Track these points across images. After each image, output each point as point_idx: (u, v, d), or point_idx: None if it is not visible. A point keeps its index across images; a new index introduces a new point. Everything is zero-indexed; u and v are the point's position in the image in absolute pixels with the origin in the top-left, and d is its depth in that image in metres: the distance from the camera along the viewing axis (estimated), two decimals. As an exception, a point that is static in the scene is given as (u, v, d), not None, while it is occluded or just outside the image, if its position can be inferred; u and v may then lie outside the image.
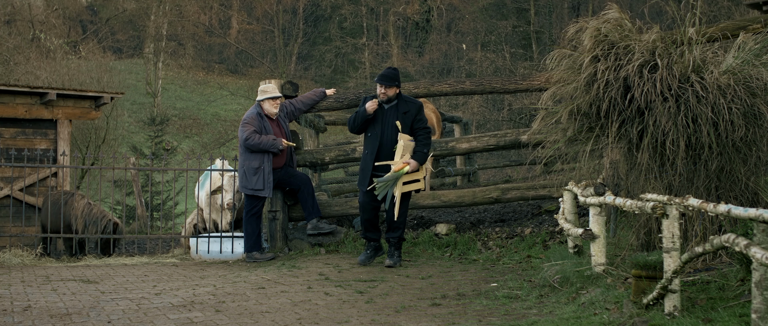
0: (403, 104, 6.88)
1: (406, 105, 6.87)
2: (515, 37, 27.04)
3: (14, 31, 26.09)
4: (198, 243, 8.32)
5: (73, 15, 34.82)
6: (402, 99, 6.92)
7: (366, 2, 33.57)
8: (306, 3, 35.43)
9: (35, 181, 9.67)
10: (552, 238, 7.22)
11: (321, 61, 34.75)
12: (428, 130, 6.97)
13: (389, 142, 6.80)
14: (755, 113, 4.74)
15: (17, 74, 20.46)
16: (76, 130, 16.57)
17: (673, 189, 4.87)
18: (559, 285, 5.23)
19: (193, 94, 33.35)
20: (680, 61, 4.83)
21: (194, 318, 4.69)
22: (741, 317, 3.66)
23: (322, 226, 8.04)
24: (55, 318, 4.71)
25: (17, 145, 9.66)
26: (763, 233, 3.17)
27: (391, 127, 6.80)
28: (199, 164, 9.49)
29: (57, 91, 10.02)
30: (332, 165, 12.31)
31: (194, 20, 34.65)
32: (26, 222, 9.11)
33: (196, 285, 6.10)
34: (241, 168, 7.71)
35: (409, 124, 6.81)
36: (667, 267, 3.89)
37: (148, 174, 12.62)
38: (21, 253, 8.25)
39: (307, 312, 4.87)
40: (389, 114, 6.82)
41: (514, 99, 21.65)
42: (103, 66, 23.34)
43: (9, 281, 6.41)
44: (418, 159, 6.73)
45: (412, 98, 7.06)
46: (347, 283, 6.02)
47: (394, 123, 6.79)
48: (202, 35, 35.90)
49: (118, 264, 7.79)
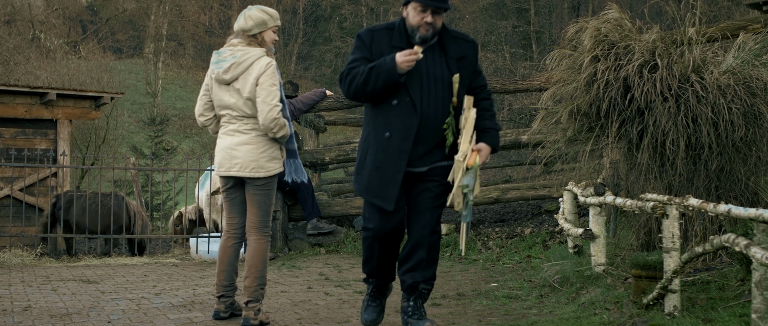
0: (452, 44, 3.86)
1: (458, 45, 3.88)
2: (515, 37, 27.05)
3: (14, 31, 26.10)
4: (198, 243, 8.32)
5: (73, 15, 34.83)
6: (448, 33, 3.90)
7: (366, 2, 33.57)
8: (306, 3, 35.44)
9: (35, 181, 9.67)
10: (552, 238, 7.22)
11: (321, 61, 34.75)
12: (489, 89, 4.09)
13: (436, 113, 3.73)
14: (755, 113, 4.74)
15: (17, 74, 20.47)
16: (76, 130, 16.57)
17: (673, 189, 4.87)
18: (559, 285, 5.23)
19: (193, 94, 33.33)
20: (680, 61, 4.83)
21: (194, 318, 4.69)
22: (741, 317, 3.66)
23: (322, 226, 8.05)
24: (55, 318, 4.71)
25: (17, 145, 9.66)
26: (763, 233, 3.17)
27: (439, 86, 3.76)
28: (199, 164, 9.49)
29: (57, 91, 10.03)
30: (332, 166, 12.33)
31: (194, 20, 34.66)
32: (26, 222, 9.11)
33: (196, 285, 6.10)
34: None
35: (469, 78, 3.85)
36: (667, 267, 3.89)
37: (148, 174, 12.62)
38: (21, 253, 8.25)
39: (307, 312, 4.87)
40: (431, 63, 3.74)
41: (514, 99, 21.65)
42: (103, 66, 23.35)
43: (9, 281, 6.41)
44: (492, 141, 3.81)
45: (462, 33, 4.06)
46: (347, 283, 6.02)
47: (442, 77, 3.76)
48: (202, 35, 35.91)
49: (118, 264, 7.79)
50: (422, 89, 3.70)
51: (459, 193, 3.63)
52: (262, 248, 4.37)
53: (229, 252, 4.55)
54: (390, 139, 3.72)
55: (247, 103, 4.29)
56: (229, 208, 4.54)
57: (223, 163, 4.38)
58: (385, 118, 3.74)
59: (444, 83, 3.74)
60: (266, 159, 4.34)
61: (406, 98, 3.68)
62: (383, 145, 3.74)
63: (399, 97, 3.70)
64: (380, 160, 3.74)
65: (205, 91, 4.49)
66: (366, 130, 3.86)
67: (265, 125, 4.24)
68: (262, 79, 4.23)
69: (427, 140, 3.75)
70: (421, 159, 3.77)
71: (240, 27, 4.37)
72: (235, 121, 4.34)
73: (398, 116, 3.70)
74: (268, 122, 4.23)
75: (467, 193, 3.61)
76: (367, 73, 3.64)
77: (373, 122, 3.81)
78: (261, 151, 4.32)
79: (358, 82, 3.68)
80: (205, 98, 4.50)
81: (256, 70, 4.25)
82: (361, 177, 3.82)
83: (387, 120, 3.73)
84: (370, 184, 3.76)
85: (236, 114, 4.34)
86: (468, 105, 3.71)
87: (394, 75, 3.60)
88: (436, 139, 3.77)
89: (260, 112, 4.23)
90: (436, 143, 3.78)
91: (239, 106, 4.31)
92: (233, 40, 4.39)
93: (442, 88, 3.74)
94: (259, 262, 4.35)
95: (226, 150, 4.36)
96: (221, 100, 4.37)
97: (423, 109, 3.70)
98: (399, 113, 3.70)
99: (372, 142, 3.80)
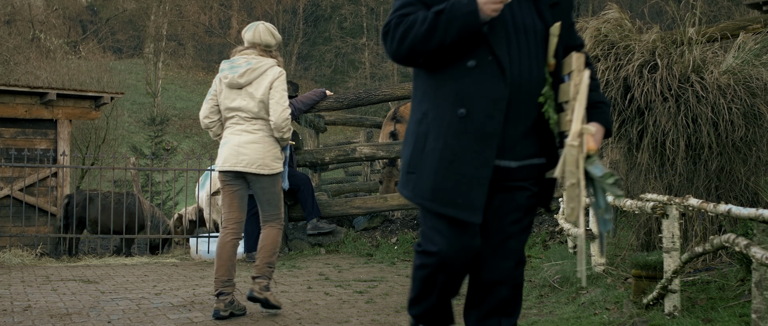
0: None
1: None
2: (515, 37, 27.02)
3: (14, 31, 26.10)
4: (198, 243, 8.32)
5: (73, 15, 34.83)
6: None
7: (366, 2, 33.58)
8: (306, 3, 35.45)
9: (35, 181, 9.67)
10: (552, 238, 7.22)
11: (321, 61, 34.76)
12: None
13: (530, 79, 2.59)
14: (755, 113, 4.74)
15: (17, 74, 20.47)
16: (76, 130, 16.57)
17: (673, 189, 4.87)
18: (559, 285, 5.23)
19: (193, 94, 33.34)
20: (680, 61, 4.83)
21: (194, 318, 4.69)
22: (741, 317, 3.66)
23: (322, 226, 8.05)
24: (55, 318, 4.71)
25: (17, 145, 9.66)
26: (763, 233, 3.17)
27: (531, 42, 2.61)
28: (199, 164, 9.49)
29: (57, 91, 10.02)
30: (332, 166, 12.33)
31: (194, 20, 34.67)
32: (26, 222, 9.11)
33: (196, 285, 6.10)
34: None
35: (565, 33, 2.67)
36: (667, 267, 3.89)
37: (148, 174, 12.63)
38: (21, 253, 8.25)
39: (307, 312, 4.87)
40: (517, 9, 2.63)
41: (514, 99, 21.64)
42: (103, 66, 23.34)
43: (9, 281, 6.41)
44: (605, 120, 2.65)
45: None
46: (347, 283, 6.02)
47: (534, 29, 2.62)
48: (202, 35, 35.92)
49: (118, 264, 7.79)
50: (510, 45, 2.54)
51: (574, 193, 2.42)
52: (275, 234, 4.79)
53: (228, 248, 4.70)
54: (467, 117, 2.49)
55: (259, 105, 4.65)
56: (230, 203, 4.75)
57: (229, 158, 4.66)
58: (457, 86, 2.53)
59: (537, 37, 2.60)
60: (270, 158, 4.69)
61: (489, 57, 2.49)
62: (456, 128, 2.50)
63: (478, 55, 2.50)
64: (453, 150, 2.49)
65: (213, 95, 4.79)
66: (421, 108, 2.62)
67: (277, 124, 4.63)
68: (276, 84, 4.65)
69: (519, 119, 2.55)
70: (513, 148, 2.56)
71: (262, 40, 4.76)
72: (244, 122, 4.69)
73: (478, 83, 2.50)
74: (280, 122, 4.63)
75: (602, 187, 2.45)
76: (432, 21, 2.46)
77: (435, 94, 2.57)
78: (266, 151, 4.67)
79: (418, 33, 2.48)
80: (212, 102, 4.79)
81: (271, 76, 4.67)
82: (420, 177, 2.56)
83: (460, 90, 2.52)
84: (440, 186, 2.50)
85: (245, 115, 4.68)
86: (578, 65, 2.50)
87: (475, 22, 2.43)
88: (530, 117, 2.57)
89: (274, 112, 4.63)
90: (531, 124, 2.58)
91: (250, 108, 4.66)
92: (246, 50, 4.74)
93: (535, 44, 2.59)
94: (269, 245, 4.76)
95: (234, 147, 4.66)
96: (231, 102, 4.69)
97: (513, 72, 2.52)
98: (479, 79, 2.50)
99: (435, 125, 2.54)
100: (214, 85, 4.81)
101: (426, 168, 2.55)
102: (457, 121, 2.51)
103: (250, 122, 4.68)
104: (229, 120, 4.75)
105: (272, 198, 4.76)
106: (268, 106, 4.65)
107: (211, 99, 4.79)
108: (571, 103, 2.49)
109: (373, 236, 8.22)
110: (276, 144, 4.74)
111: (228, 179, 4.72)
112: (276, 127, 4.64)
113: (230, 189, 4.74)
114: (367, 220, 8.59)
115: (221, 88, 4.75)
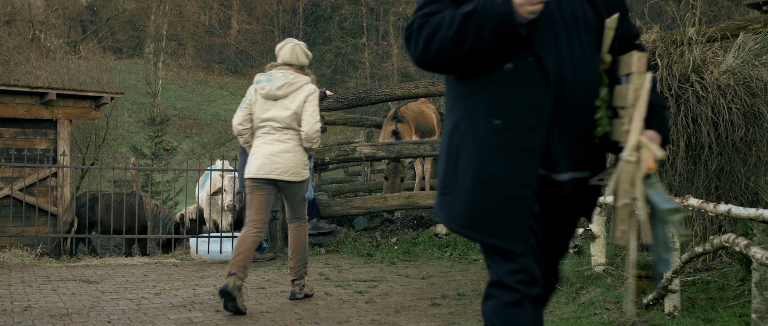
0: None
1: None
2: (515, 37, 27.01)
3: (14, 31, 26.10)
4: (198, 243, 8.32)
5: (73, 15, 34.83)
6: None
7: (366, 2, 33.58)
8: (306, 3, 35.44)
9: (35, 181, 9.67)
10: (552, 238, 7.21)
11: (321, 61, 34.75)
12: None
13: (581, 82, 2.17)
14: (755, 113, 4.74)
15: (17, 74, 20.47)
16: (76, 130, 16.57)
17: (673, 189, 4.87)
18: (559, 285, 5.23)
19: (193, 94, 33.35)
20: (680, 61, 4.83)
21: (194, 318, 4.69)
22: (741, 317, 3.66)
23: (322, 226, 8.05)
24: (55, 318, 4.71)
25: (17, 145, 9.65)
26: (763, 233, 3.17)
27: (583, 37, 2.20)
28: (199, 164, 9.49)
29: (57, 91, 10.01)
30: (332, 166, 12.32)
31: (194, 20, 34.66)
32: (26, 222, 9.11)
33: (196, 285, 6.09)
34: (241, 169, 7.70)
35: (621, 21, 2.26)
36: (667, 267, 3.88)
37: (148, 174, 12.62)
38: (21, 253, 8.25)
39: (307, 312, 4.87)
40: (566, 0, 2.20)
41: (514, 99, 21.63)
42: (103, 66, 23.33)
43: (9, 281, 6.41)
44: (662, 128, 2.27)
45: None
46: (347, 283, 6.02)
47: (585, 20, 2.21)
48: (202, 35, 35.91)
49: (118, 264, 7.79)
50: (559, 42, 2.14)
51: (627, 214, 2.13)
52: (302, 233, 5.33)
53: (249, 240, 5.06)
54: (504, 129, 2.11)
55: (292, 116, 5.09)
56: (257, 206, 5.12)
57: (264, 166, 5.08)
58: (492, 94, 2.14)
59: (588, 30, 2.20)
60: (301, 166, 5.17)
61: (529, 58, 2.11)
62: (492, 142, 2.13)
63: (516, 57, 2.11)
64: (489, 168, 2.13)
65: (248, 104, 5.20)
66: (452, 119, 2.25)
67: (308, 134, 5.10)
68: (310, 99, 5.13)
69: (567, 128, 2.16)
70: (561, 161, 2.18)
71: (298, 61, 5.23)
72: (276, 132, 5.12)
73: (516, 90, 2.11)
74: (312, 133, 5.12)
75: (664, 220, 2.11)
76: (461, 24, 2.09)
77: (467, 103, 2.19)
78: (297, 159, 5.13)
79: (445, 38, 2.11)
80: (246, 111, 5.20)
81: (306, 91, 5.15)
82: (454, 200, 2.19)
83: (495, 97, 2.13)
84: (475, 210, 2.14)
85: (278, 125, 5.11)
86: (639, 67, 2.15)
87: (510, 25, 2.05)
88: (583, 125, 2.19)
89: (306, 123, 5.10)
90: (583, 133, 2.20)
91: (284, 119, 5.09)
92: (283, 66, 5.21)
93: (587, 39, 2.19)
94: (300, 245, 5.30)
95: (268, 156, 5.08)
96: (266, 113, 5.12)
97: (561, 74, 2.12)
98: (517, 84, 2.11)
99: (467, 139, 2.17)
100: (249, 95, 5.20)
101: (459, 190, 2.18)
102: (493, 134, 2.13)
103: (282, 132, 5.10)
104: (260, 129, 5.15)
105: (300, 201, 5.28)
106: (300, 117, 5.09)
107: (246, 107, 5.19)
108: (629, 111, 2.13)
109: (373, 236, 8.22)
110: (305, 153, 5.19)
111: (259, 184, 5.11)
112: (307, 137, 5.09)
113: (260, 193, 5.11)
114: (367, 220, 8.59)
115: (256, 98, 5.16)
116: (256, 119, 5.15)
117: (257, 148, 5.14)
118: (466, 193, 2.16)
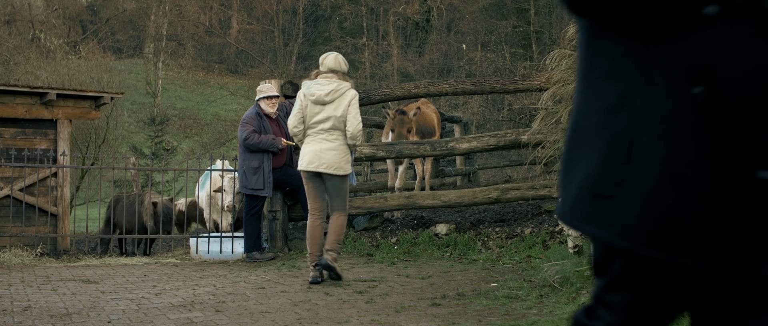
0: None
1: None
2: (515, 37, 27.05)
3: (14, 31, 26.10)
4: (198, 243, 8.32)
5: (73, 15, 34.84)
6: None
7: (366, 2, 33.59)
8: (306, 3, 35.45)
9: (35, 181, 9.67)
10: (552, 238, 7.22)
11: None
12: None
13: None
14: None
15: (17, 74, 20.47)
16: (76, 130, 16.57)
17: None
18: (559, 285, 5.23)
19: (193, 94, 33.36)
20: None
21: (194, 318, 4.69)
22: (741, 317, 3.66)
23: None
24: (55, 318, 4.71)
25: (17, 145, 9.66)
26: None
27: None
28: (199, 164, 9.50)
29: (57, 91, 10.01)
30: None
31: (194, 20, 34.67)
32: (26, 222, 9.11)
33: (196, 285, 6.10)
34: (240, 168, 7.71)
35: None
36: (667, 267, 3.88)
37: (148, 174, 12.62)
38: (21, 253, 8.25)
39: (307, 312, 4.87)
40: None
41: (514, 99, 21.65)
42: (103, 66, 23.34)
43: (9, 281, 6.41)
44: None
45: None
46: (347, 283, 6.02)
47: None
48: (202, 35, 35.92)
49: (118, 264, 7.79)
50: None
51: None
52: (342, 221, 6.05)
53: (318, 229, 6.04)
54: (708, 101, 1.42)
55: (338, 119, 5.86)
56: (313, 195, 6.06)
57: (313, 161, 5.92)
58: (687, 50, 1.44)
59: None
60: (344, 162, 5.96)
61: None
62: (690, 119, 1.43)
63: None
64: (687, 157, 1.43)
65: (299, 109, 5.96)
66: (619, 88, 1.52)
67: (353, 134, 5.88)
68: (353, 102, 5.90)
69: None
70: None
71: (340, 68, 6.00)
72: (324, 132, 5.91)
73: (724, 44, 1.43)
74: (356, 132, 5.90)
75: None
76: None
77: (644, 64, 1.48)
78: (341, 156, 5.92)
79: None
80: (299, 115, 5.97)
81: (349, 96, 5.90)
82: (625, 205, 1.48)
83: (692, 55, 1.44)
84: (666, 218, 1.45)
85: (326, 126, 5.88)
86: None
87: None
88: None
89: (351, 124, 5.87)
90: None
91: (331, 121, 5.87)
92: (328, 74, 5.94)
93: None
94: (338, 229, 6.03)
95: (316, 153, 5.91)
96: (316, 116, 5.90)
97: None
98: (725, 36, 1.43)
99: (648, 116, 1.46)
100: (299, 100, 5.97)
101: (637, 190, 1.47)
102: (691, 108, 1.43)
103: (329, 132, 5.89)
104: (311, 129, 5.94)
105: (341, 193, 5.99)
106: (346, 119, 5.86)
107: (299, 112, 5.96)
108: None
109: (373, 236, 8.22)
110: (348, 150, 5.99)
111: (309, 176, 6.01)
112: (351, 136, 5.88)
113: (311, 184, 6.04)
114: (367, 220, 8.59)
115: (306, 103, 5.93)
116: (308, 121, 5.93)
117: (308, 146, 5.96)
118: (650, 195, 1.46)
